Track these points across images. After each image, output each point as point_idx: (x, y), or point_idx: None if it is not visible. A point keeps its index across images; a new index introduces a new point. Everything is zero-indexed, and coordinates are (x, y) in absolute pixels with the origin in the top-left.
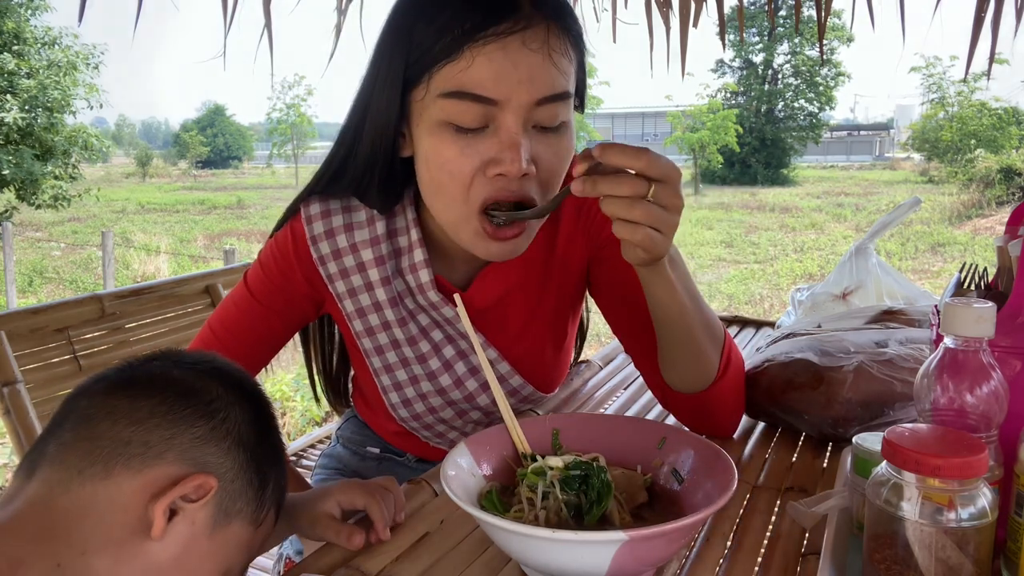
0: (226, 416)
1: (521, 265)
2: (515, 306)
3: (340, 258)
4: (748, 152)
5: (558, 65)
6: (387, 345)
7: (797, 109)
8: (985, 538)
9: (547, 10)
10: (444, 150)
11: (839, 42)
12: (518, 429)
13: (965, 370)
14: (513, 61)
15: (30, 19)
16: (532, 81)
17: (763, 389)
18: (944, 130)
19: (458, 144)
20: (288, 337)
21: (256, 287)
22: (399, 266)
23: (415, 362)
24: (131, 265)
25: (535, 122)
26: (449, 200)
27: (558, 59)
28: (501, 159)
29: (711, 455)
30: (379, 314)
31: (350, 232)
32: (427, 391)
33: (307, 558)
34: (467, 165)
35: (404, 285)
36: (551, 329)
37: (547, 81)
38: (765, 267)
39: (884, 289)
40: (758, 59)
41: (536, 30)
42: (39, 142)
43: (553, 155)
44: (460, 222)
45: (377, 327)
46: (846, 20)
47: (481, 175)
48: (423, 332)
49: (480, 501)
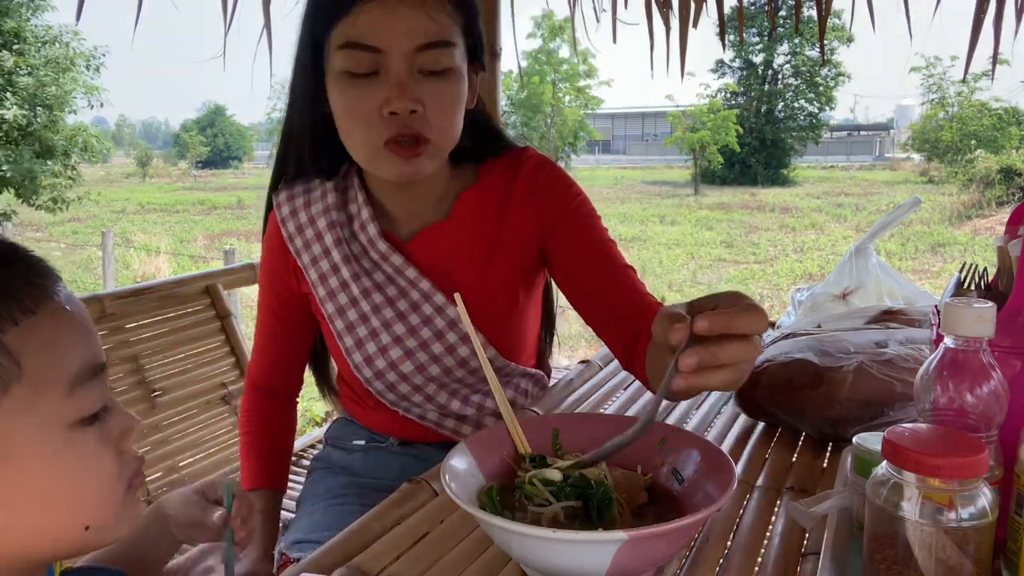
0: None
1: (463, 227)
2: (462, 268)
3: (302, 232)
4: (748, 152)
5: (433, 17)
6: (347, 304)
7: (797, 109)
8: (985, 538)
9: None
10: (345, 96)
11: (839, 42)
12: (518, 429)
13: (965, 370)
14: (392, 15)
15: (30, 19)
16: (410, 30)
17: (763, 389)
18: (944, 130)
19: (355, 89)
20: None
21: (264, 288)
22: (352, 229)
23: (372, 314)
24: (131, 265)
25: (420, 67)
26: (358, 139)
27: (434, 13)
28: (390, 98)
29: (711, 455)
30: (337, 276)
31: (308, 208)
32: (386, 343)
33: (307, 558)
34: (365, 107)
35: (359, 245)
36: (504, 296)
37: (424, 29)
38: (765, 267)
39: (884, 289)
40: (758, 59)
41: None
42: (39, 141)
43: (440, 96)
44: (371, 157)
45: (336, 288)
46: (846, 20)
47: (378, 116)
48: (377, 287)
49: (480, 499)
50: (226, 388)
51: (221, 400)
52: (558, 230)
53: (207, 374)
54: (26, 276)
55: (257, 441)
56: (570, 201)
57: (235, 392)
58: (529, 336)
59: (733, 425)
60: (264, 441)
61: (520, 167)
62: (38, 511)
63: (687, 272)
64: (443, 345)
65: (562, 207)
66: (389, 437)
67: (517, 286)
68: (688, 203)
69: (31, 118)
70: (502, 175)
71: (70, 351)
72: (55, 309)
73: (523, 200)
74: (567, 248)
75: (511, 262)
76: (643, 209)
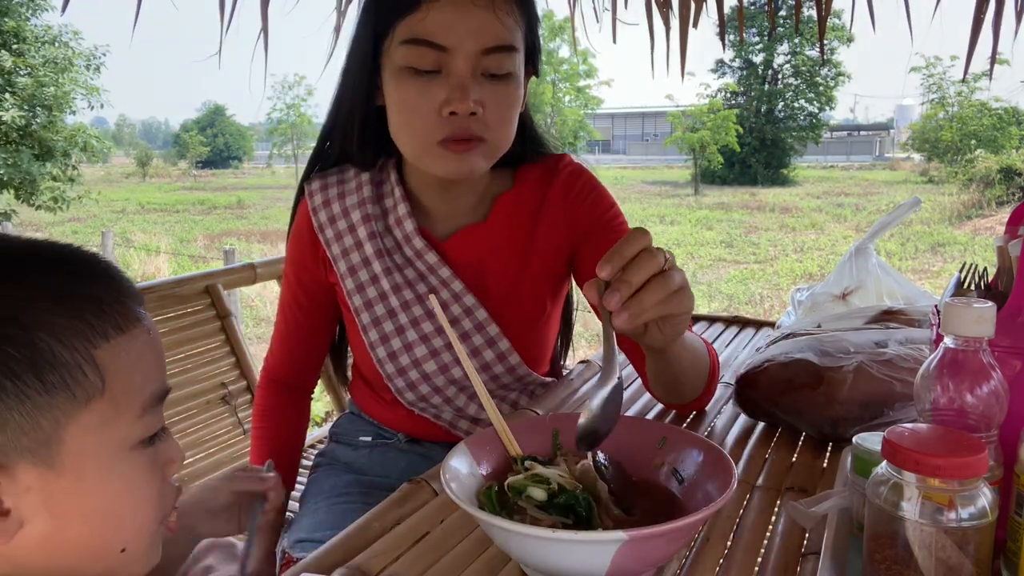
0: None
1: (500, 231)
2: (495, 272)
3: (334, 223)
4: (748, 152)
5: (502, 20)
6: (375, 299)
7: (797, 109)
8: (985, 538)
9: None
10: (405, 91)
11: (839, 42)
12: (507, 431)
13: (965, 370)
14: (462, 14)
15: (30, 19)
16: (479, 32)
17: (763, 389)
18: (944, 130)
19: (416, 85)
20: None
21: (289, 278)
22: (387, 223)
23: (400, 310)
24: (131, 265)
25: (483, 69)
26: (412, 135)
27: (503, 16)
28: (452, 99)
29: (711, 455)
30: (367, 268)
31: (342, 199)
32: (412, 340)
33: (307, 558)
34: (424, 104)
35: (393, 240)
36: (532, 302)
37: (492, 32)
38: (765, 267)
39: (884, 289)
40: (758, 59)
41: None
42: (38, 142)
43: (500, 99)
44: (423, 153)
45: (366, 282)
46: (846, 20)
47: (436, 114)
48: (408, 284)
49: (479, 498)
50: (226, 388)
51: (221, 400)
52: (590, 239)
53: (207, 374)
54: (119, 295)
55: (268, 435)
56: (603, 212)
57: (235, 392)
58: (550, 344)
59: (733, 425)
60: (275, 437)
61: (556, 174)
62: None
63: (687, 272)
64: (468, 348)
65: (595, 218)
66: (398, 434)
67: (546, 293)
68: (688, 203)
69: (30, 119)
70: (538, 181)
71: (149, 374)
72: (142, 331)
73: (557, 206)
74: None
75: (543, 269)
76: (643, 209)
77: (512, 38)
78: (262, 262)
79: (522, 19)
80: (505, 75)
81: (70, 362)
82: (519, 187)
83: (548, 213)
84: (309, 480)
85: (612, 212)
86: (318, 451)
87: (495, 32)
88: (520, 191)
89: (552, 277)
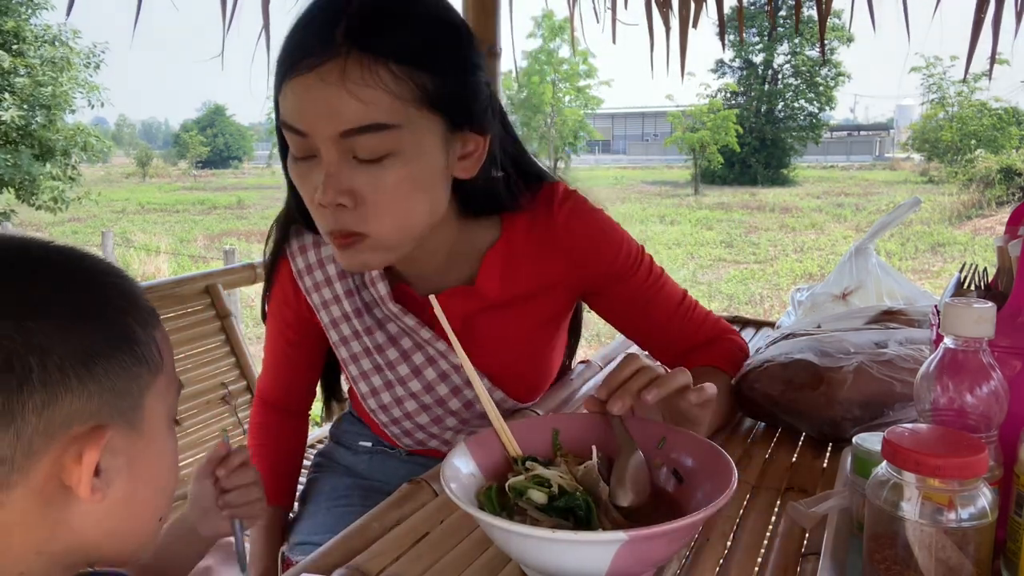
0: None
1: (490, 289)
2: (487, 327)
3: (312, 272)
4: (748, 152)
5: (360, 96)
6: (360, 353)
7: (797, 109)
8: (985, 538)
9: (358, 40)
10: (294, 177)
11: (839, 42)
12: (507, 431)
13: (965, 370)
14: (312, 94)
15: (30, 18)
16: (331, 114)
17: (763, 389)
18: (944, 130)
19: (298, 171)
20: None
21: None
22: (364, 280)
23: (387, 368)
24: (131, 265)
25: (354, 153)
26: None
27: (359, 90)
28: (318, 188)
29: (711, 455)
30: (348, 324)
31: (317, 248)
32: (401, 395)
33: (307, 558)
34: (306, 192)
35: (371, 297)
36: (530, 349)
37: (346, 113)
38: (765, 267)
39: (884, 289)
40: (758, 59)
41: (334, 63)
42: (38, 141)
43: (373, 188)
44: (327, 241)
45: (350, 336)
46: (846, 20)
47: (316, 204)
48: (392, 340)
49: (479, 498)
50: (226, 388)
51: (221, 400)
52: (604, 290)
53: (207, 374)
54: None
55: (263, 454)
56: (613, 258)
57: (235, 392)
58: (554, 370)
59: (733, 425)
60: (271, 456)
61: (551, 216)
62: (149, 490)
63: (687, 272)
64: (460, 401)
65: (605, 268)
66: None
67: (547, 336)
68: (688, 203)
69: (30, 118)
70: (530, 226)
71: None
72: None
73: (557, 258)
74: (613, 305)
75: (542, 318)
76: (643, 209)
77: (380, 114)
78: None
79: (409, 82)
80: (381, 159)
81: (145, 340)
82: (508, 236)
83: (547, 263)
84: (308, 481)
85: (623, 254)
86: (318, 451)
87: (350, 112)
88: (510, 241)
89: (554, 319)
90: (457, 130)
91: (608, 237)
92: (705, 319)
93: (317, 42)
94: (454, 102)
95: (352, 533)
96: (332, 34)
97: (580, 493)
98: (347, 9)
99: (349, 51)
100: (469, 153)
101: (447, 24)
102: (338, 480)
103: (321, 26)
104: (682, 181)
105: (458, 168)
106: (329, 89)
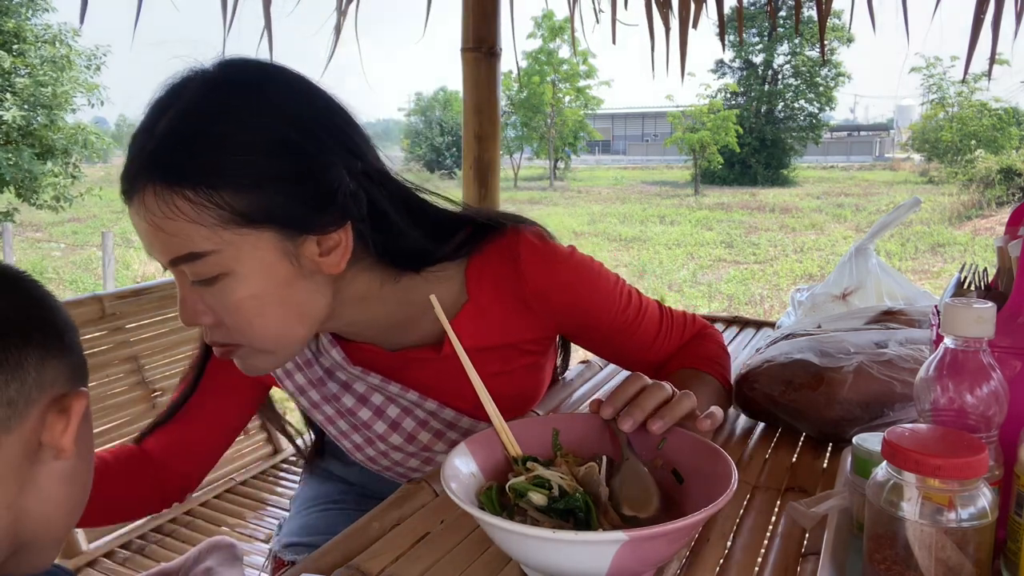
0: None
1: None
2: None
3: None
4: (748, 152)
5: (165, 229)
6: (334, 415)
7: (797, 109)
8: (985, 538)
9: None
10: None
11: (839, 42)
12: (507, 431)
13: (965, 370)
14: (137, 224)
15: (30, 18)
16: (153, 246)
17: (763, 389)
18: (944, 131)
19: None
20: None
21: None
22: (317, 346)
23: (362, 427)
24: (131, 265)
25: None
26: None
27: (162, 223)
28: None
29: (711, 455)
30: (315, 390)
31: None
32: (385, 449)
33: (307, 558)
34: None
35: (330, 360)
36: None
37: (161, 246)
38: (765, 267)
39: (884, 289)
40: (758, 60)
41: (138, 197)
42: (39, 141)
43: (222, 308)
44: None
45: (319, 401)
46: (846, 20)
47: None
48: (361, 400)
49: (479, 498)
50: None
51: None
52: (582, 332)
53: None
54: None
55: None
56: (589, 307)
57: None
58: (541, 388)
59: (733, 425)
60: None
61: (519, 278)
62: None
63: (687, 272)
64: (446, 444)
65: (583, 320)
66: None
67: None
68: (688, 203)
69: (31, 118)
70: (495, 288)
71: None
72: None
73: (529, 314)
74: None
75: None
76: (643, 209)
77: (189, 244)
78: None
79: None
80: (215, 281)
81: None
82: (475, 299)
83: (518, 320)
84: (301, 483)
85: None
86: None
87: (161, 244)
88: (477, 304)
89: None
90: (300, 235)
91: (581, 286)
92: (683, 328)
93: (127, 171)
94: (282, 212)
95: (352, 533)
96: (136, 164)
97: (580, 494)
98: (153, 131)
99: (147, 182)
100: (331, 248)
101: (266, 132)
102: (331, 485)
103: (132, 153)
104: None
105: (324, 266)
106: (142, 222)
